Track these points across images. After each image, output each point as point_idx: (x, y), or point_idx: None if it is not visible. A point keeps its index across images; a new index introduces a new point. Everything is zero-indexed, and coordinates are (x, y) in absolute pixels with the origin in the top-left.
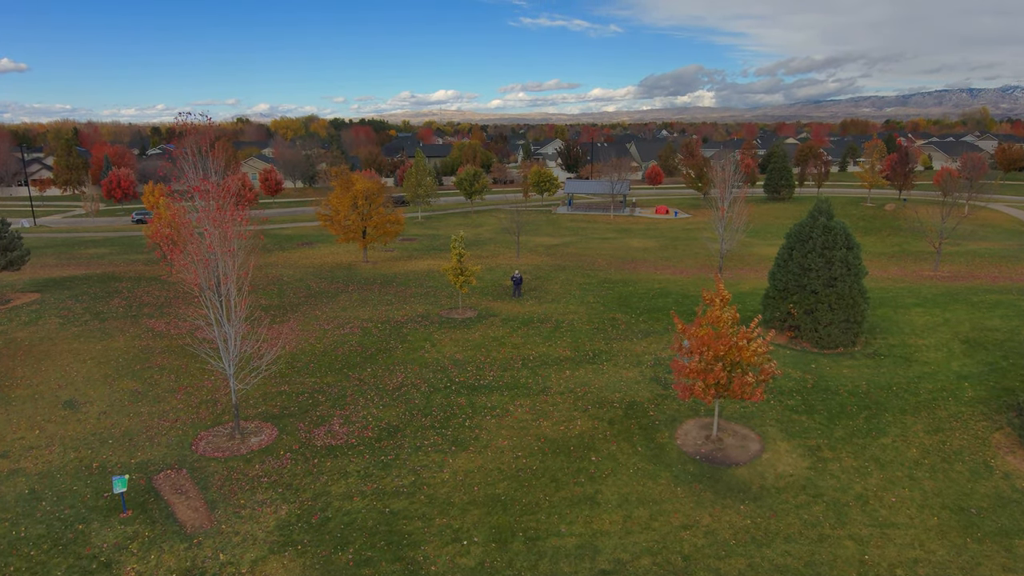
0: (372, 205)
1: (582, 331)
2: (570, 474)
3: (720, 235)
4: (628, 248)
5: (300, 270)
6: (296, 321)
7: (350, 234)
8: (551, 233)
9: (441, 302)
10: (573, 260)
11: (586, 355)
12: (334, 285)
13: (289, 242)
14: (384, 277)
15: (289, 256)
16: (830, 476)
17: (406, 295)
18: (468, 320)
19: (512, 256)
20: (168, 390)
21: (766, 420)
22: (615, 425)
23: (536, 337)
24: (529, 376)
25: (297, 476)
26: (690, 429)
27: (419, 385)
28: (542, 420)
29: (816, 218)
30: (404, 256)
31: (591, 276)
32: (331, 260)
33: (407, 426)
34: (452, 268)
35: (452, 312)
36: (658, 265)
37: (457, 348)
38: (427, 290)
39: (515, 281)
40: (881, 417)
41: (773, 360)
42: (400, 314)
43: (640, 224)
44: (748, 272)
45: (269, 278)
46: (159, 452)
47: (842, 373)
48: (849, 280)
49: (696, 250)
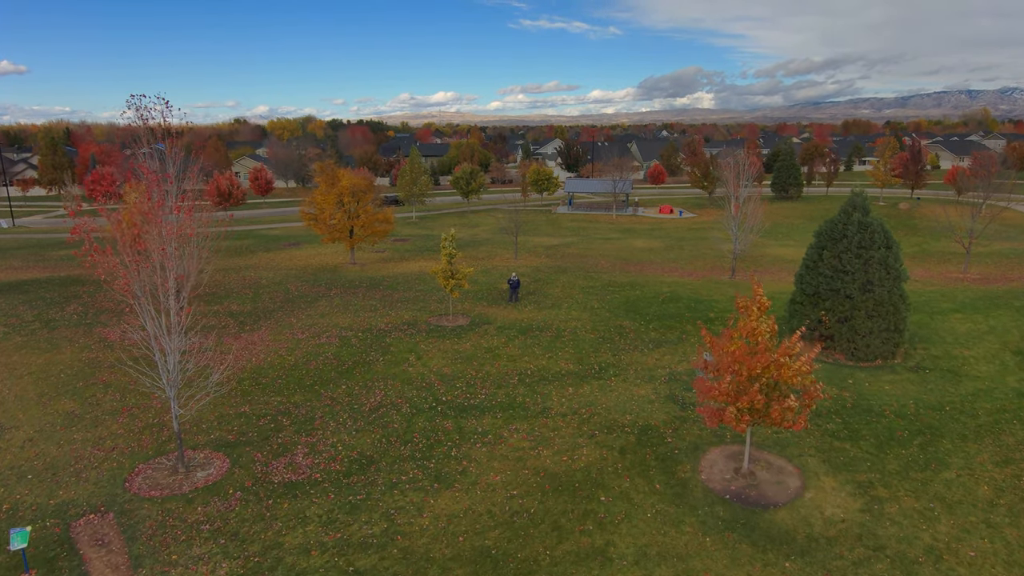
0: (360, 203)
1: (586, 341)
2: (575, 519)
3: (733, 235)
4: (632, 249)
5: (281, 272)
6: (267, 330)
7: (336, 234)
8: (551, 233)
9: (431, 308)
10: (574, 261)
11: (591, 369)
12: (315, 289)
13: (275, 243)
14: (371, 280)
15: (272, 257)
16: (890, 522)
17: (393, 300)
18: (459, 328)
19: (510, 257)
20: (109, 411)
21: (804, 448)
22: (627, 455)
23: (535, 348)
24: (526, 394)
25: (246, 522)
26: (716, 460)
27: (400, 406)
28: (541, 448)
29: (850, 214)
30: (395, 257)
31: (594, 279)
32: (316, 262)
33: (383, 456)
34: (442, 270)
35: (442, 319)
36: (665, 267)
37: (445, 361)
38: (416, 294)
39: (512, 284)
40: (938, 445)
41: (818, 382)
42: (384, 321)
43: (644, 224)
44: (762, 274)
45: (246, 281)
46: (85, 490)
47: (883, 390)
48: (888, 284)
49: (704, 251)
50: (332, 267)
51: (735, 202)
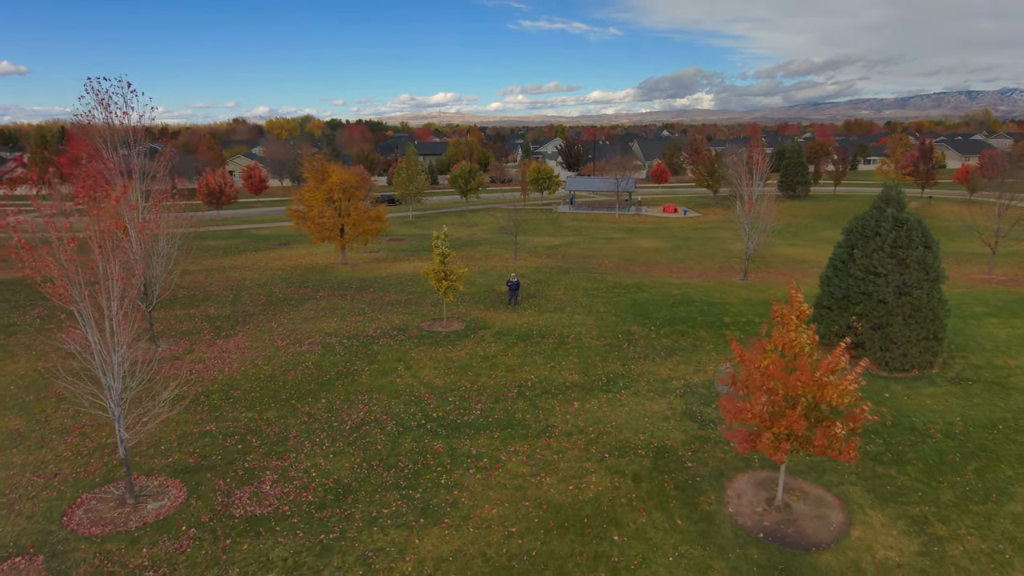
0: (351, 200)
1: (592, 348)
2: (585, 564)
3: (746, 234)
4: (637, 249)
5: (267, 273)
6: (245, 335)
7: (326, 232)
8: (552, 233)
9: (423, 311)
10: (577, 262)
11: (599, 381)
12: (301, 291)
13: (265, 242)
14: (361, 281)
15: (260, 257)
16: (956, 568)
17: (383, 303)
18: (454, 334)
19: (509, 257)
20: (58, 430)
21: (844, 474)
22: (642, 483)
23: (536, 356)
24: (527, 410)
25: (197, 568)
26: (744, 489)
27: (385, 423)
28: (544, 475)
29: (883, 210)
30: (389, 257)
31: (598, 280)
32: (306, 262)
33: (362, 485)
34: (434, 271)
35: (435, 324)
36: (673, 267)
37: (438, 371)
38: (409, 297)
39: (511, 286)
40: (997, 471)
41: (866, 401)
42: (372, 326)
43: (648, 223)
44: (775, 275)
45: (228, 282)
46: (15, 527)
47: (924, 404)
48: (927, 286)
49: (712, 251)
50: (322, 267)
51: (748, 200)
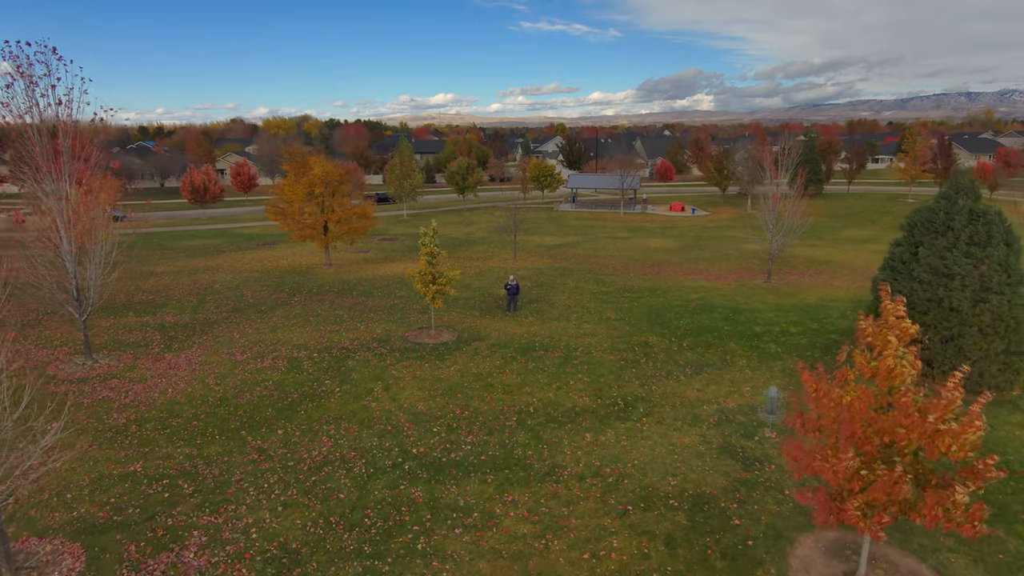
0: (335, 195)
1: (604, 364)
2: None
3: (769, 233)
4: (646, 248)
5: (242, 275)
6: (201, 348)
7: (307, 231)
8: (554, 232)
9: (409, 319)
10: (582, 262)
11: (614, 405)
12: (276, 295)
13: (248, 242)
14: (344, 284)
15: (239, 258)
16: None
17: (365, 309)
18: (443, 347)
19: (508, 258)
20: None
21: (939, 536)
22: (678, 548)
23: (539, 374)
24: (529, 443)
25: None
26: (812, 557)
27: (353, 462)
28: (550, 537)
29: (953, 200)
30: (379, 258)
31: (607, 283)
32: (287, 263)
33: (314, 552)
34: (420, 273)
35: (422, 334)
36: (687, 269)
37: (422, 393)
38: (395, 302)
39: (510, 291)
40: None
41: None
42: (350, 337)
43: (655, 222)
44: (800, 278)
45: (197, 285)
46: None
47: (1016, 436)
48: (1008, 291)
49: (727, 251)
50: (303, 269)
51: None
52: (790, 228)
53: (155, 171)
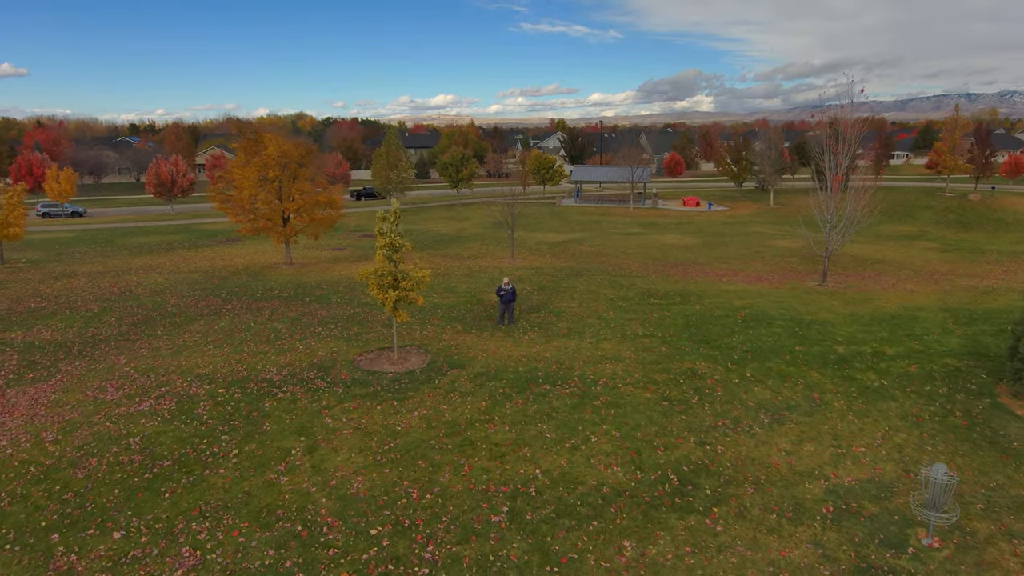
0: (295, 180)
1: (639, 406)
2: None
3: (827, 225)
4: (663, 246)
5: (178, 277)
6: (63, 379)
7: (261, 223)
8: (556, 228)
9: (368, 335)
10: (591, 261)
11: (664, 482)
12: (206, 301)
13: (209, 239)
14: (298, 288)
15: (189, 256)
16: None
17: (314, 320)
18: (407, 377)
19: (504, 256)
20: None
21: None
22: None
23: (544, 422)
24: (529, 562)
25: None
26: None
27: None
28: None
29: None
30: (352, 256)
31: (624, 285)
32: (243, 262)
33: None
34: (376, 273)
35: (381, 358)
36: (717, 269)
37: (363, 458)
38: (356, 311)
39: (504, 297)
40: None
41: None
42: (280, 363)
43: (669, 217)
44: (859, 279)
45: (111, 290)
46: None
47: None
48: None
49: (757, 248)
50: (257, 269)
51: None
52: (853, 220)
53: (132, 165)
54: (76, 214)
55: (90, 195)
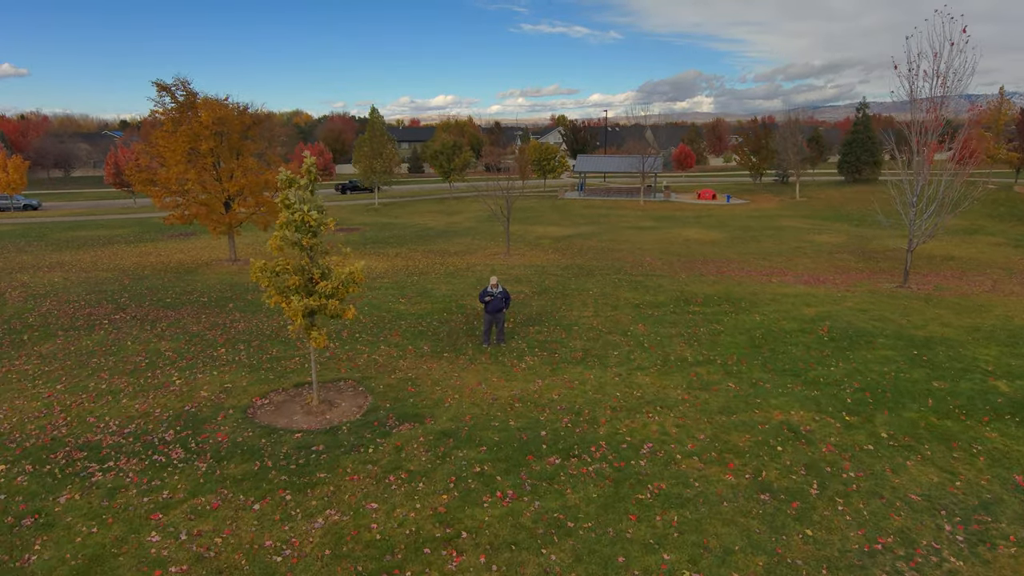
0: (239, 155)
1: (718, 504)
2: None
3: (911, 212)
4: (685, 241)
5: (83, 276)
6: None
7: (194, 208)
8: (560, 222)
9: (289, 360)
10: (602, 258)
11: None
12: (91, 309)
13: (160, 233)
14: (228, 290)
15: (118, 253)
16: None
17: (220, 338)
18: (322, 442)
19: (499, 252)
20: None
21: None
22: None
23: (550, 547)
24: None
25: None
26: None
27: None
28: None
29: None
30: None
31: (650, 288)
32: (181, 258)
33: None
34: (269, 270)
35: (292, 402)
36: (758, 267)
37: None
38: (286, 323)
39: (490, 304)
40: None
41: None
42: (133, 410)
43: (685, 211)
44: (945, 280)
45: None
46: None
47: None
48: None
49: (797, 244)
50: (192, 267)
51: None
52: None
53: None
54: (29, 207)
55: (56, 188)
